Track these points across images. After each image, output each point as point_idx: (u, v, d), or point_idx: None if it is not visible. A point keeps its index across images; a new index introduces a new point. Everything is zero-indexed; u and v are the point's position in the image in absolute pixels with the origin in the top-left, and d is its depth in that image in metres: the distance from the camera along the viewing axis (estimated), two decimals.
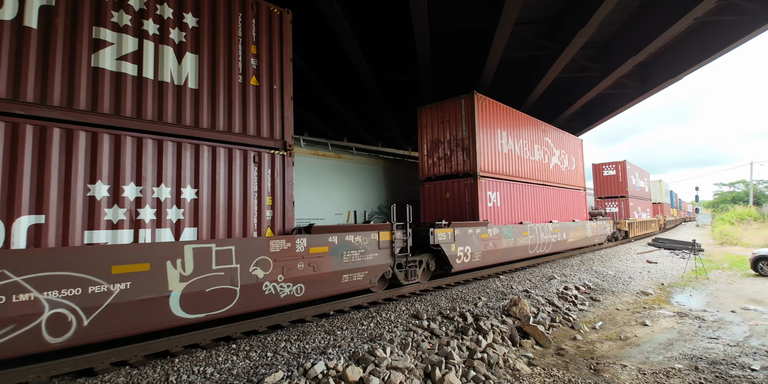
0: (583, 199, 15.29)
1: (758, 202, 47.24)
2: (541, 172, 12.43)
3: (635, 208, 23.22)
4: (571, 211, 14.16)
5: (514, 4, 8.57)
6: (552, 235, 12.03)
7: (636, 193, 23.92)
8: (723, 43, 11.94)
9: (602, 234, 16.32)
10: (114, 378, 3.76)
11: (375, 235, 6.50)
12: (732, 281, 10.77)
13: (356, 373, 3.89)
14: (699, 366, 4.71)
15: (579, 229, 14.06)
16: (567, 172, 14.39)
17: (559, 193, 13.44)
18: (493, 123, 10.27)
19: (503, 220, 10.19)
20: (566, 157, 14.53)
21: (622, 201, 22.26)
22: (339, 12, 8.77)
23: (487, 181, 9.73)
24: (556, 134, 14.03)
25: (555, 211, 12.91)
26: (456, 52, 13.35)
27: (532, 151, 12.14)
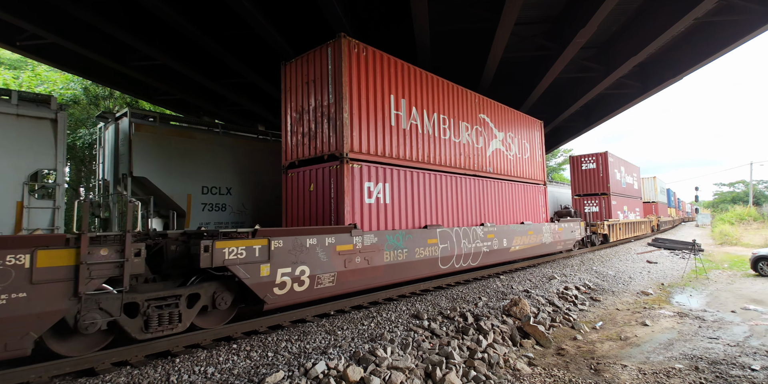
0: (541, 196, 12.62)
1: (758, 202, 47.26)
2: (471, 160, 9.52)
3: (620, 207, 20.19)
4: (522, 210, 11.52)
5: (515, 4, 8.57)
6: (483, 242, 9.19)
7: (621, 190, 20.87)
8: (723, 43, 11.94)
9: (569, 239, 13.67)
10: (115, 378, 3.76)
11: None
12: (732, 281, 10.77)
13: (357, 373, 3.89)
14: (699, 366, 4.71)
15: (531, 233, 11.24)
16: (517, 161, 11.56)
17: (503, 188, 10.68)
18: (380, 85, 7.34)
19: (396, 223, 7.29)
20: (516, 141, 11.53)
21: (603, 199, 19.05)
22: (339, 12, 8.77)
23: (363, 168, 6.84)
24: (501, 112, 11.01)
25: (494, 210, 10.14)
26: (456, 52, 13.35)
27: (457, 130, 9.11)
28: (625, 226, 20.39)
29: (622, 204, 20.85)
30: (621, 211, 20.33)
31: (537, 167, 12.94)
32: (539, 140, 13.35)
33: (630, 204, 22.35)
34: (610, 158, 19.54)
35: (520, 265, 11.61)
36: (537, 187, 12.59)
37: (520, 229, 10.96)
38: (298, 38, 10.83)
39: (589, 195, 19.70)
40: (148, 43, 10.55)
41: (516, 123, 11.97)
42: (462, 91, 9.72)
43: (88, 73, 13.29)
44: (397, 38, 11.80)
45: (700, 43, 12.92)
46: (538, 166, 13.03)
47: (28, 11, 9.40)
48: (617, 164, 20.60)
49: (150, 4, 8.52)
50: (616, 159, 20.63)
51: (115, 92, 18.68)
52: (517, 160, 11.73)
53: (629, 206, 22.11)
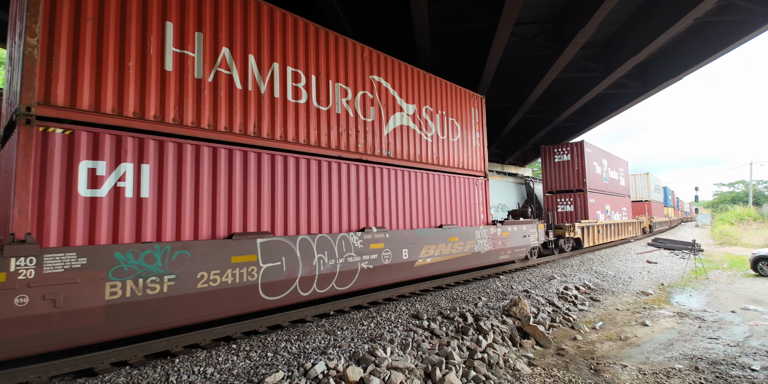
0: (478, 192, 9.75)
1: (758, 203, 47.30)
2: (354, 138, 6.73)
3: (600, 206, 17.33)
4: (446, 210, 8.62)
5: (515, 4, 8.57)
6: (363, 255, 6.43)
7: (602, 187, 18.01)
8: (723, 43, 11.95)
9: (519, 246, 10.63)
10: (114, 378, 3.76)
11: None
12: (732, 281, 10.77)
13: (357, 373, 3.88)
14: (699, 366, 4.71)
15: (453, 240, 8.34)
16: (440, 145, 8.67)
17: (412, 180, 7.87)
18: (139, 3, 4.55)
19: (164, 230, 4.48)
20: (439, 119, 8.74)
21: (578, 196, 16.10)
22: (339, 12, 8.77)
23: (82, 136, 4.02)
24: (411, 77, 8.11)
25: (391, 209, 7.35)
26: (456, 52, 13.35)
27: (324, 93, 6.38)
28: (605, 228, 17.47)
29: (603, 202, 17.93)
30: (602, 211, 17.54)
31: (473, 154, 9.76)
32: (478, 120, 10.18)
33: (614, 202, 19.42)
34: (587, 149, 16.52)
35: (518, 266, 11.50)
36: (471, 179, 9.52)
37: (436, 235, 7.90)
38: None
39: (563, 192, 16.79)
40: None
41: (438, 95, 8.82)
42: (339, 41, 6.75)
43: None
44: (398, 38, 11.81)
45: (700, 43, 12.93)
46: (474, 152, 9.82)
47: None
48: (597, 156, 17.76)
49: None
50: (596, 150, 17.71)
51: None
52: (439, 144, 8.66)
53: (613, 205, 19.21)
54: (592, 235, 15.94)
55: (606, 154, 19.25)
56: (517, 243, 10.55)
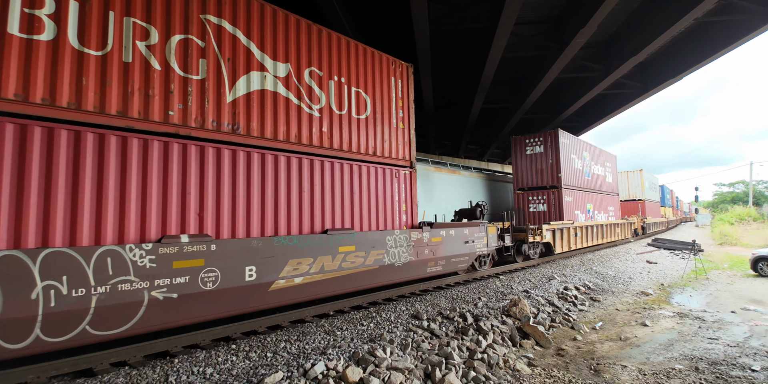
0: (401, 185, 7.51)
1: (758, 203, 47.29)
2: (156, 101, 4.52)
3: (579, 205, 15.15)
4: (341, 209, 6.38)
5: (514, 4, 8.57)
6: (160, 280, 4.20)
7: (583, 183, 15.74)
8: (723, 43, 11.95)
9: (460, 255, 8.45)
10: (113, 378, 3.75)
11: None
12: (732, 281, 10.77)
13: (356, 373, 3.88)
14: (699, 366, 4.70)
15: (347, 250, 6.21)
16: (334, 121, 6.42)
17: (278, 165, 5.61)
18: None
19: None
20: (336, 88, 6.46)
21: (552, 194, 14.02)
22: (339, 12, 8.76)
23: None
24: (284, 25, 5.92)
25: (235, 208, 5.10)
26: (456, 52, 13.35)
27: (97, 29, 4.13)
28: (585, 230, 15.06)
29: (584, 201, 15.72)
30: (582, 211, 15.40)
31: (393, 138, 7.45)
32: (403, 94, 7.79)
33: (599, 201, 17.36)
34: (563, 139, 14.28)
35: (518, 266, 11.47)
36: (389, 170, 7.26)
37: (314, 244, 5.68)
38: None
39: (535, 189, 14.54)
40: None
41: (334, 56, 6.46)
42: None
43: None
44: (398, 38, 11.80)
45: (700, 43, 12.93)
46: (395, 135, 7.50)
47: None
48: (576, 148, 15.43)
49: None
50: (575, 141, 15.48)
51: None
52: (333, 121, 6.34)
53: (597, 204, 17.11)
54: (567, 238, 13.56)
55: (588, 146, 16.95)
56: (454, 251, 8.28)
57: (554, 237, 12.65)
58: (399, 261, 7.00)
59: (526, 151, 14.83)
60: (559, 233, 12.97)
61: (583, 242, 14.89)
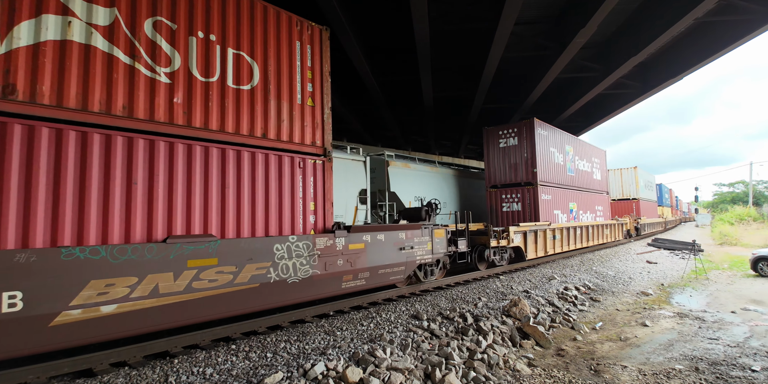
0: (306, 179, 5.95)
1: (758, 203, 47.30)
2: None
3: (559, 203, 13.63)
4: (203, 208, 4.77)
5: (514, 4, 8.57)
6: None
7: (564, 180, 14.28)
8: (723, 43, 11.95)
9: (389, 264, 6.97)
10: (113, 379, 3.75)
11: None
12: (732, 282, 10.76)
13: (356, 374, 3.88)
14: (699, 367, 4.70)
15: (202, 264, 4.54)
16: (198, 91, 4.86)
17: (87, 149, 3.96)
18: None
19: None
20: (199, 47, 4.90)
21: (528, 192, 12.52)
22: (339, 12, 8.76)
23: None
24: None
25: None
26: (456, 52, 13.35)
27: None
28: (566, 232, 13.31)
29: (566, 199, 14.14)
30: (563, 210, 13.80)
31: (296, 117, 5.93)
32: (314, 63, 6.26)
33: (584, 200, 15.77)
34: (540, 130, 12.83)
35: (520, 266, 11.43)
36: (288, 159, 5.71)
37: (141, 259, 4.13)
38: None
39: (509, 186, 13.08)
40: None
41: (199, 6, 4.98)
42: None
43: None
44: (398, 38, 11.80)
45: (700, 43, 12.93)
46: (300, 115, 5.99)
47: None
48: (557, 141, 13.93)
49: None
50: (555, 133, 13.96)
51: None
52: (198, 89, 4.87)
53: (582, 203, 15.50)
54: (543, 242, 11.90)
55: (572, 139, 15.46)
56: (384, 260, 6.75)
57: (525, 241, 11.06)
58: (295, 276, 5.39)
59: (499, 143, 13.30)
60: (532, 236, 11.35)
61: (565, 246, 13.25)
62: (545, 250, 12.03)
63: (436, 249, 8.03)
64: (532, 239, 11.39)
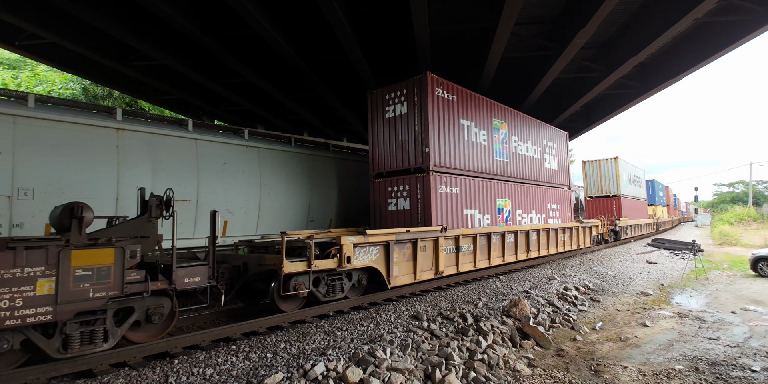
0: None
1: (757, 203, 47.32)
2: None
3: (479, 200, 9.82)
4: None
5: (515, 4, 8.55)
6: None
7: (487, 167, 10.28)
8: (723, 43, 11.94)
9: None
10: (113, 379, 3.75)
11: None
12: (732, 282, 10.77)
13: (356, 374, 3.87)
14: (699, 367, 4.70)
15: None
16: None
17: None
18: None
19: None
20: None
21: (418, 182, 8.62)
22: (338, 11, 8.75)
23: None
24: None
25: None
26: (456, 52, 13.35)
27: None
28: (486, 240, 9.41)
29: (490, 194, 10.14)
30: (484, 211, 9.87)
31: None
32: None
33: (526, 196, 11.88)
34: (441, 91, 8.91)
35: (520, 266, 11.44)
36: None
37: None
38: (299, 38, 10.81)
39: (397, 174, 9.06)
40: (148, 43, 10.53)
41: None
42: None
43: (87, 72, 13.28)
44: (397, 38, 11.79)
45: (701, 43, 12.92)
46: None
47: (27, 11, 9.37)
48: (472, 110, 9.87)
49: (149, 2, 8.50)
50: (467, 98, 9.83)
51: (115, 92, 18.67)
52: None
53: (523, 200, 11.62)
54: (431, 257, 7.87)
55: (505, 111, 11.20)
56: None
57: (388, 258, 6.95)
58: None
59: (385, 112, 9.16)
60: (405, 250, 7.27)
61: (483, 261, 9.26)
62: (436, 270, 7.87)
63: (94, 291, 3.97)
64: (404, 254, 7.27)
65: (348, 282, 6.62)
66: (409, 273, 7.43)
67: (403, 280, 7.28)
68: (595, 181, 22.24)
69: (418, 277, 7.53)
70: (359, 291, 6.97)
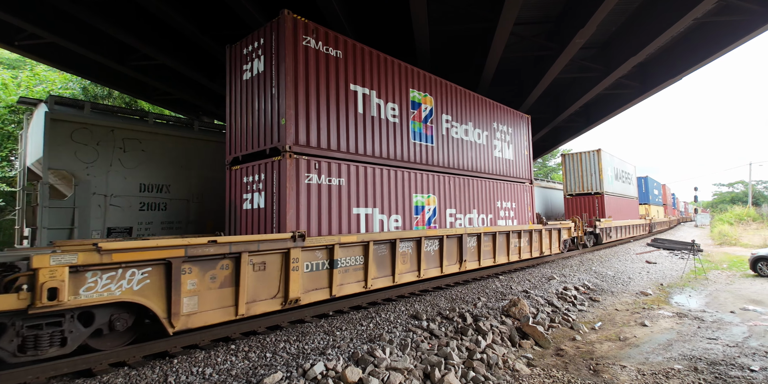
0: None
1: (757, 203, 47.36)
2: None
3: (383, 195, 7.15)
4: None
5: (514, 4, 8.56)
6: None
7: (399, 152, 7.59)
8: (723, 43, 11.94)
9: None
10: (112, 379, 3.75)
11: None
12: (731, 282, 10.78)
13: (355, 373, 3.88)
14: (698, 367, 4.71)
15: None
16: None
17: None
18: None
19: None
20: None
21: (273, 168, 5.85)
22: (338, 12, 8.76)
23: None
24: None
25: None
26: (456, 52, 13.36)
27: None
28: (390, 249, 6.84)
29: (405, 188, 7.67)
30: (390, 211, 7.27)
31: None
32: None
33: (465, 192, 9.28)
34: (317, 43, 6.23)
35: (520, 266, 11.46)
36: None
37: None
38: None
39: (252, 158, 6.50)
40: (147, 42, 10.53)
41: None
42: None
43: (86, 72, 13.26)
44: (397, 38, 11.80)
45: (700, 44, 12.93)
46: None
47: (26, 11, 9.37)
48: (374, 71, 7.42)
49: (148, 2, 8.50)
50: (366, 54, 7.31)
51: (114, 92, 18.66)
52: None
53: (459, 197, 9.07)
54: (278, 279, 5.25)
55: (429, 79, 8.70)
56: None
57: (169, 287, 4.27)
58: None
59: (243, 73, 6.72)
60: (213, 271, 4.65)
61: (392, 276, 6.83)
62: (285, 297, 5.28)
63: None
64: (214, 278, 4.68)
65: (79, 329, 3.88)
66: (226, 306, 4.73)
67: (212, 317, 4.63)
68: (576, 177, 19.33)
69: (244, 312, 4.86)
70: (123, 338, 4.31)
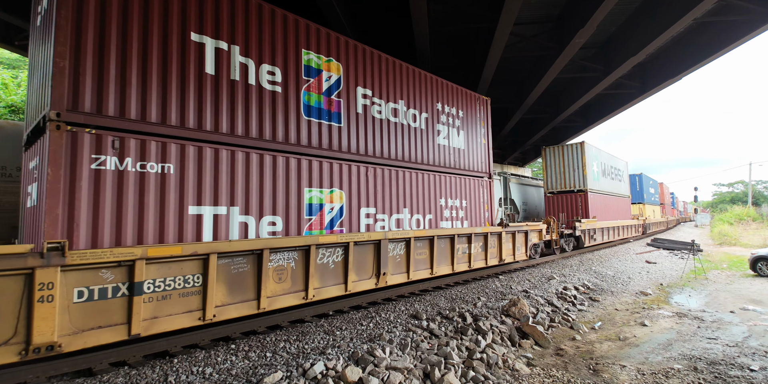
0: None
1: (757, 203, 47.38)
2: None
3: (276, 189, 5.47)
4: None
5: (514, 4, 8.58)
6: None
7: (281, 131, 5.60)
8: (722, 43, 11.96)
9: None
10: (113, 378, 3.75)
11: None
12: (731, 281, 10.78)
13: (355, 373, 3.88)
14: (698, 366, 4.71)
15: None
16: None
17: None
18: None
19: None
20: None
21: (43, 147, 3.97)
22: (338, 11, 8.77)
23: None
24: None
25: None
26: (456, 52, 13.37)
27: None
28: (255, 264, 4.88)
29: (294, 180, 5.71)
30: (263, 212, 5.29)
31: None
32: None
33: (403, 186, 7.56)
34: None
35: (519, 266, 11.44)
36: None
37: None
38: None
39: (35, 133, 4.44)
40: None
41: None
42: None
43: None
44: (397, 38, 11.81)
45: (699, 44, 12.94)
46: None
47: (26, 10, 9.38)
48: (239, 18, 5.22)
49: None
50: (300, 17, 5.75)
51: None
52: None
53: (396, 193, 7.35)
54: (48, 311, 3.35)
55: (338, 40, 6.55)
56: None
57: None
58: None
59: (36, 17, 5.04)
60: None
61: (257, 300, 4.91)
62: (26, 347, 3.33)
63: None
64: None
65: None
66: None
67: None
68: (557, 173, 17.25)
69: None
70: None
